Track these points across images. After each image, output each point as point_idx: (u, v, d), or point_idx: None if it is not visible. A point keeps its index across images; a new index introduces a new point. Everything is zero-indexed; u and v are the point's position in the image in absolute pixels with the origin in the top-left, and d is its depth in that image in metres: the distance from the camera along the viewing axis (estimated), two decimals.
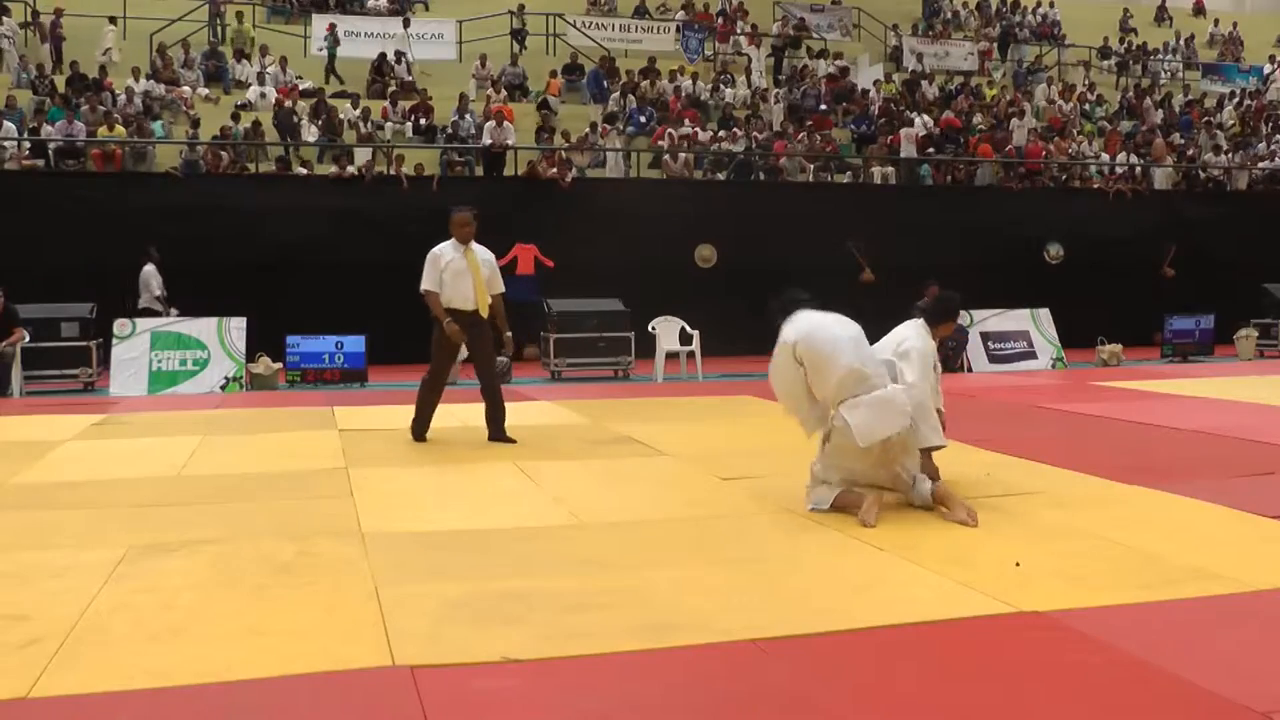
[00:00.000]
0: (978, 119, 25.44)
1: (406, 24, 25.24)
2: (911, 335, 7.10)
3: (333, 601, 4.84)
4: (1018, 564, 5.29)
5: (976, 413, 11.60)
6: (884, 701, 3.73)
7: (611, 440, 9.83)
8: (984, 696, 3.76)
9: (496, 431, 9.84)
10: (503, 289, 9.88)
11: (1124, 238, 22.31)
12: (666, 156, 22.09)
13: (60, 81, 22.01)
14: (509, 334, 9.95)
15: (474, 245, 9.74)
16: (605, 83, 24.91)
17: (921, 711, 3.65)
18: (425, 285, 9.66)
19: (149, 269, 17.41)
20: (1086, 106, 27.73)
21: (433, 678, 3.90)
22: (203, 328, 15.70)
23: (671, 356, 16.66)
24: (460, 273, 9.58)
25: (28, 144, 19.62)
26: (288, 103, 21.90)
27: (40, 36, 23.44)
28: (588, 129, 22.31)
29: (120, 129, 20.34)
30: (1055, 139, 25.07)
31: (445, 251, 9.68)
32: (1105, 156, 24.99)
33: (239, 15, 25.31)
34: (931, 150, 23.65)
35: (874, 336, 6.95)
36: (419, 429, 9.93)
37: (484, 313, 9.65)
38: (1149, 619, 4.57)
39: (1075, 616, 4.54)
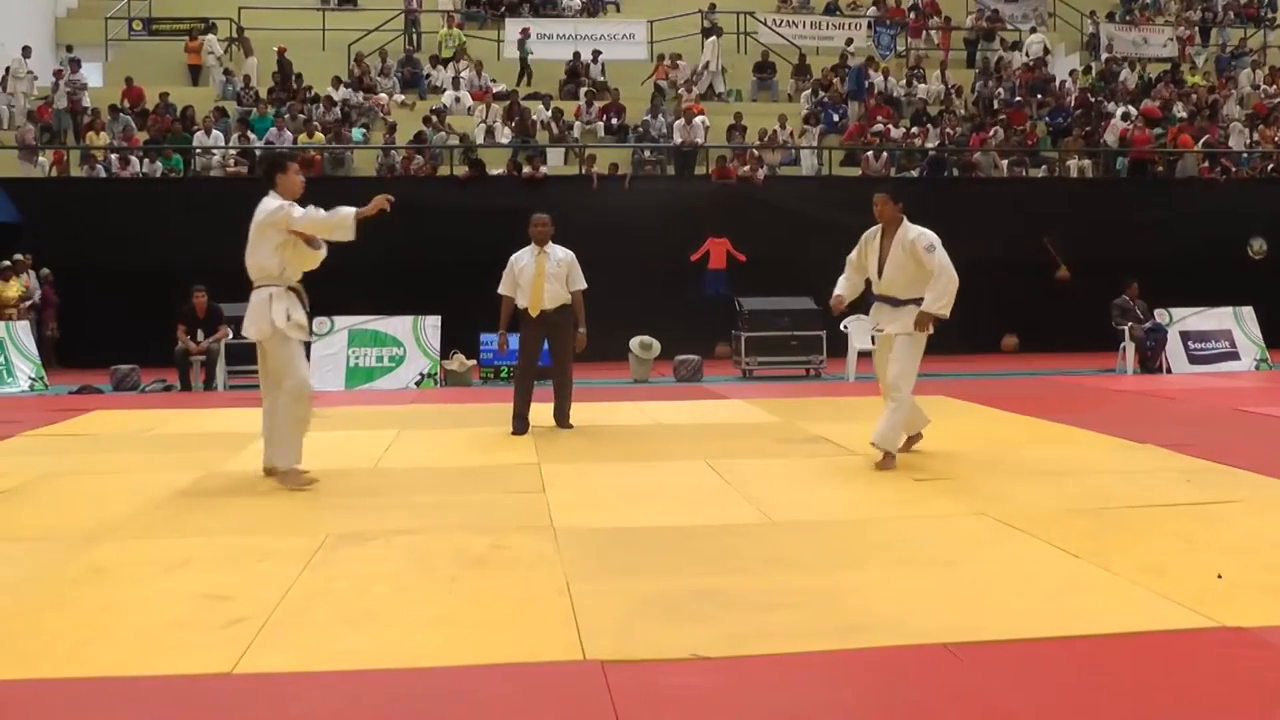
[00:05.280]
0: (1178, 108, 24.52)
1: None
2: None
3: (524, 595, 4.87)
4: (1219, 576, 5.00)
5: (1176, 417, 11.21)
6: (1076, 715, 3.58)
7: (803, 439, 9.73)
8: (1181, 715, 3.57)
9: (560, 420, 10.41)
10: (583, 285, 10.20)
11: None
12: (869, 154, 21.85)
13: (263, 92, 22.85)
14: (582, 330, 10.30)
15: (550, 246, 10.14)
16: (865, 81, 24.78)
17: None
18: (501, 289, 10.30)
19: None
20: None
21: (623, 673, 3.88)
22: (398, 326, 16.12)
23: (864, 355, 16.41)
24: (532, 275, 10.05)
25: (234, 151, 20.37)
26: (480, 107, 22.36)
27: (244, 51, 24.38)
28: (776, 126, 22.25)
29: (320, 136, 21.02)
30: (1260, 127, 24.02)
31: (521, 256, 10.20)
32: None
33: (449, 17, 25.81)
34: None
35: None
36: (516, 422, 10.25)
37: (533, 313, 10.08)
38: None
39: None
